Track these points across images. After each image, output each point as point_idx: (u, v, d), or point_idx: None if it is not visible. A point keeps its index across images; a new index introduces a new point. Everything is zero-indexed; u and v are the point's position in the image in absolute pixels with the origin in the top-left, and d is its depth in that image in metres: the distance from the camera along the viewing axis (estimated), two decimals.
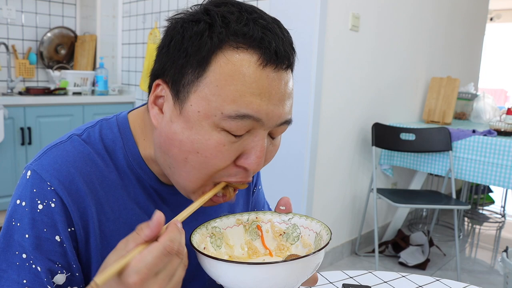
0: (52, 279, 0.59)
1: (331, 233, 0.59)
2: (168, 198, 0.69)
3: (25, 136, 2.68)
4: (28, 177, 0.60)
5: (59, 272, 0.59)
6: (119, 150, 0.65)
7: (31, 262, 0.58)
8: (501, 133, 2.49)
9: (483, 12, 4.11)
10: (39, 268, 0.58)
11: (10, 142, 2.61)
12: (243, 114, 0.55)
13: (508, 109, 2.60)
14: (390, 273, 0.94)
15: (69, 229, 0.60)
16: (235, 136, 0.56)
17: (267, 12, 0.60)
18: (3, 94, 2.87)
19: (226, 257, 0.62)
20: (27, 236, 0.58)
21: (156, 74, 0.61)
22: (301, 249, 0.66)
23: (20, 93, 2.90)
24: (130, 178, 0.65)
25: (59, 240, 0.59)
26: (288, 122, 0.61)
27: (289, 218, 0.67)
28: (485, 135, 2.44)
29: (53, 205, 0.59)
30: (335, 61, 2.34)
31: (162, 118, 0.60)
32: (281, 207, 0.67)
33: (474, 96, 3.33)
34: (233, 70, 0.54)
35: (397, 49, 2.83)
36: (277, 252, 0.66)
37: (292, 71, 0.61)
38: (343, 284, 0.82)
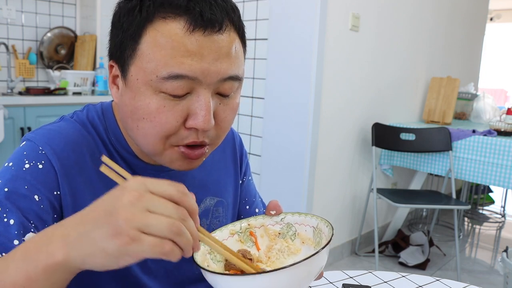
0: (24, 236, 0.60)
1: (333, 228, 0.58)
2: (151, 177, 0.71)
3: None
4: (22, 145, 0.64)
5: (32, 231, 0.61)
6: (102, 131, 0.69)
7: (5, 215, 0.59)
8: (501, 133, 2.49)
9: (483, 12, 4.11)
10: (11, 221, 0.59)
11: (10, 142, 2.61)
12: (176, 74, 0.57)
13: (508, 109, 2.60)
14: (390, 273, 0.94)
15: (54, 192, 0.62)
16: (174, 96, 0.59)
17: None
18: (3, 94, 2.87)
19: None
20: (6, 189, 0.60)
21: (109, 56, 0.65)
22: (300, 246, 0.65)
23: (20, 93, 2.89)
24: (116, 156, 0.69)
25: (37, 199, 0.61)
26: (234, 78, 0.62)
27: (282, 218, 0.67)
28: (485, 135, 2.44)
29: (40, 166, 0.62)
30: (335, 61, 2.34)
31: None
32: (272, 212, 0.68)
33: (474, 96, 3.33)
34: (163, 38, 0.57)
35: (397, 49, 2.83)
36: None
37: (238, 33, 0.62)
38: (343, 284, 0.82)
